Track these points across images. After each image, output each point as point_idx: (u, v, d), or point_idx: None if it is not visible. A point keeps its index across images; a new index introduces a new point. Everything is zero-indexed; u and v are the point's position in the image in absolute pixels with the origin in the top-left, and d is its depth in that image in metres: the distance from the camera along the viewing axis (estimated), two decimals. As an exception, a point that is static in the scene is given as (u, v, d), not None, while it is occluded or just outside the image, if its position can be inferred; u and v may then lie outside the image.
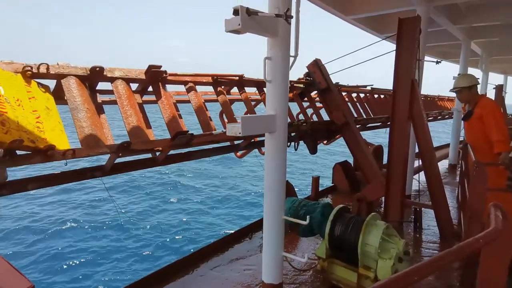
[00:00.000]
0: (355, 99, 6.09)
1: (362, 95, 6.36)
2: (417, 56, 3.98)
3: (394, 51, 4.07)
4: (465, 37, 7.11)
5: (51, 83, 2.42)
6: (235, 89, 3.88)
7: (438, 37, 7.27)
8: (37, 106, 2.18)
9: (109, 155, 2.44)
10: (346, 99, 5.67)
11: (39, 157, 2.04)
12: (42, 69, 2.25)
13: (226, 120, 3.63)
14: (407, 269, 0.95)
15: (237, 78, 3.64)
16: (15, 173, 2.28)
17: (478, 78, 4.35)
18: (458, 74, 4.88)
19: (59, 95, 2.42)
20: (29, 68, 2.19)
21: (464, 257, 1.01)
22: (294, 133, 4.06)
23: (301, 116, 4.97)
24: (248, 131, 2.21)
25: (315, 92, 5.01)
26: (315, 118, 5.19)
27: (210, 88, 3.55)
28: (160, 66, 2.79)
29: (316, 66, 4.70)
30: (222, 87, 3.57)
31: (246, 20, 2.03)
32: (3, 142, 1.80)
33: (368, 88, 6.33)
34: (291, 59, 2.42)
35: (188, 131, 2.78)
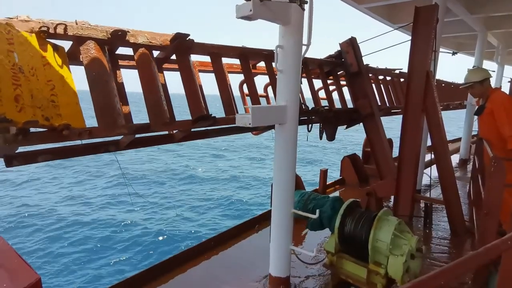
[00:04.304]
0: (381, 82, 5.86)
1: (388, 78, 6.14)
2: (433, 46, 3.84)
3: (410, 41, 3.93)
4: (482, 28, 6.85)
5: (66, 44, 2.19)
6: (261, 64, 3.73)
7: (454, 27, 7.02)
8: (51, 75, 1.99)
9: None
10: (372, 81, 5.40)
11: (53, 137, 1.94)
12: (59, 30, 2.01)
13: (246, 92, 3.55)
14: (434, 272, 0.89)
15: (267, 52, 3.45)
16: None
17: (494, 71, 4.18)
18: (473, 67, 4.68)
19: (74, 56, 2.24)
20: (46, 28, 1.94)
21: (491, 260, 0.93)
22: (314, 117, 3.90)
23: (321, 93, 4.73)
24: (258, 122, 2.15)
25: (342, 71, 4.66)
26: (335, 96, 4.92)
27: (236, 61, 3.41)
28: (188, 35, 2.59)
29: (351, 46, 4.29)
30: (249, 60, 3.42)
31: (258, 6, 1.95)
32: (17, 121, 1.66)
33: (397, 71, 6.12)
34: (304, 47, 2.33)
35: (211, 114, 2.68)
